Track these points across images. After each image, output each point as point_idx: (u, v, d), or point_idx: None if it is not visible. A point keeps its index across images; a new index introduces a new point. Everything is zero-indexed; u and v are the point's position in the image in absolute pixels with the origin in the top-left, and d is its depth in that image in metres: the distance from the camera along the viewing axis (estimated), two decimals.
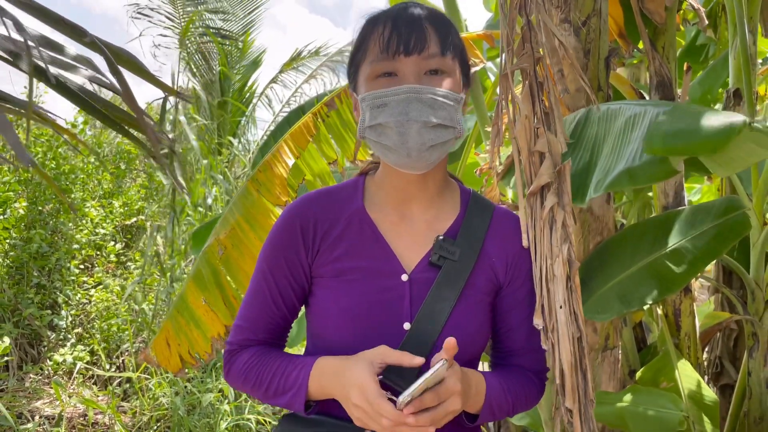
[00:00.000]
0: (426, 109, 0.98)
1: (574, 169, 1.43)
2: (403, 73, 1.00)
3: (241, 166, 6.64)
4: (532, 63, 1.32)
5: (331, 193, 1.13)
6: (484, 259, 1.09)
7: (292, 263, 1.08)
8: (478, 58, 2.14)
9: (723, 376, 2.81)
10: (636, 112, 1.35)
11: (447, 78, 1.01)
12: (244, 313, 1.12)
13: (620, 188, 1.30)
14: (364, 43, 1.03)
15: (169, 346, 2.18)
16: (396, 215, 1.10)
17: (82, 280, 4.94)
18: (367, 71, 1.02)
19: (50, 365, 4.24)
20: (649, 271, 1.78)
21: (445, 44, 1.01)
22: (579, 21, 1.71)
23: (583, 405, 1.19)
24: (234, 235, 2.08)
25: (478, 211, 1.12)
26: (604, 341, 2.10)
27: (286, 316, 1.12)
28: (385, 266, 1.06)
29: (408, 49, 0.98)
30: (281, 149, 2.10)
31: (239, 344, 1.12)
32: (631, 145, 1.30)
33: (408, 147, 0.99)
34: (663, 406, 1.68)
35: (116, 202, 5.64)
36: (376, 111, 1.00)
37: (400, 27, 0.99)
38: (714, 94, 2.85)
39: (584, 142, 1.45)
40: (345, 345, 1.04)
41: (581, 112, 1.52)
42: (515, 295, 1.12)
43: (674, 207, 2.23)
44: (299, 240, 1.08)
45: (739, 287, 2.67)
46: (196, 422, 3.64)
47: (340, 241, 1.08)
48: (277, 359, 1.07)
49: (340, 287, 1.06)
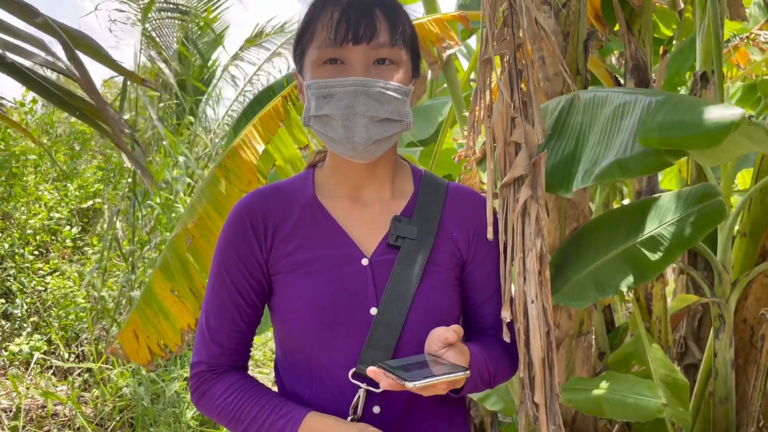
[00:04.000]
0: (373, 103, 0.96)
1: (558, 158, 1.40)
2: (350, 62, 0.97)
3: (202, 147, 6.46)
4: (512, 49, 1.28)
5: (281, 187, 1.10)
6: (444, 235, 1.08)
7: (247, 261, 1.05)
8: (453, 39, 2.09)
9: (687, 356, 2.88)
10: (625, 101, 1.33)
11: (396, 69, 0.99)
12: (206, 321, 1.08)
13: (610, 179, 1.29)
14: (312, 25, 1.00)
15: (138, 338, 2.11)
16: (349, 201, 1.08)
17: (37, 267, 4.75)
18: (313, 56, 0.99)
19: (5, 356, 4.08)
20: (625, 258, 1.79)
21: (395, 33, 0.98)
22: (559, 3, 1.68)
23: (549, 399, 1.19)
24: (202, 224, 2.01)
25: (432, 188, 1.11)
26: (579, 327, 2.11)
27: (250, 318, 1.08)
28: (344, 253, 1.04)
29: (357, 37, 0.96)
30: (250, 134, 2.02)
31: (209, 367, 1.07)
32: (620, 135, 1.28)
33: (354, 141, 0.98)
34: (640, 393, 1.69)
35: (71, 185, 5.42)
36: (321, 101, 0.98)
37: (349, 12, 0.96)
38: (682, 77, 2.86)
39: (569, 130, 1.42)
40: (313, 339, 1.02)
41: (564, 99, 1.49)
42: (481, 269, 1.11)
43: (648, 192, 2.24)
44: (251, 236, 1.05)
45: (704, 269, 2.72)
46: (160, 412, 3.56)
47: (294, 234, 1.05)
48: (258, 401, 1.03)
49: (299, 281, 1.03)
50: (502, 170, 1.25)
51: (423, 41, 2.08)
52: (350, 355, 1.00)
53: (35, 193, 4.99)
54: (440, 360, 0.93)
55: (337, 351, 1.02)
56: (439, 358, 0.94)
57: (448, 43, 2.08)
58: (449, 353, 0.94)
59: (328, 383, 1.03)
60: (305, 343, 1.03)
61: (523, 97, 1.25)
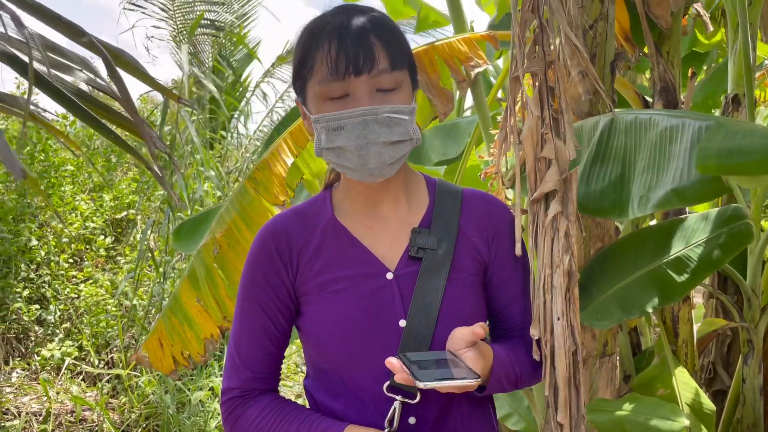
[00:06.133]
0: (383, 129, 0.98)
1: (605, 182, 1.40)
2: (354, 94, 0.98)
3: (233, 162, 6.58)
4: (543, 66, 1.29)
5: (300, 211, 1.13)
6: (464, 241, 1.09)
7: (275, 285, 1.07)
8: (482, 58, 2.11)
9: (716, 381, 2.82)
10: (672, 124, 1.33)
11: (398, 92, 1.01)
12: (237, 347, 1.10)
13: (669, 207, 1.29)
14: (310, 59, 1.00)
15: (162, 346, 2.15)
16: (367, 218, 1.10)
17: (71, 275, 4.87)
18: (316, 90, 1.00)
19: (38, 361, 4.18)
20: (651, 279, 1.77)
21: (394, 59, 0.99)
22: (586, 24, 1.69)
23: (574, 420, 1.17)
24: (230, 235, 2.05)
25: (448, 196, 1.13)
26: (603, 348, 2.09)
27: (279, 342, 1.10)
28: (368, 270, 1.06)
29: (358, 69, 0.96)
30: (280, 148, 2.07)
31: (241, 392, 1.09)
32: (673, 162, 1.28)
33: (369, 168, 1.00)
34: (663, 416, 1.67)
35: (107, 196, 5.56)
36: (332, 134, 0.99)
37: (346, 44, 0.96)
38: (716, 100, 2.84)
39: (612, 153, 1.42)
40: (345, 354, 1.04)
41: (603, 120, 1.49)
42: (503, 270, 1.13)
43: (675, 214, 2.22)
44: (277, 260, 1.07)
45: (733, 293, 2.67)
46: (185, 420, 3.60)
47: (317, 256, 1.07)
48: (294, 419, 1.04)
49: (327, 299, 1.05)
50: (532, 186, 1.25)
51: (452, 60, 2.11)
52: (382, 368, 0.99)
53: (72, 202, 5.13)
54: (458, 361, 0.94)
55: (369, 365, 1.03)
56: (459, 358, 0.95)
57: (477, 62, 2.11)
58: (469, 354, 0.95)
59: (361, 397, 1.04)
60: (337, 359, 1.05)
61: (554, 114, 1.27)
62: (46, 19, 1.14)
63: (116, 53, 1.17)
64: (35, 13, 1.14)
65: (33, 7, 1.13)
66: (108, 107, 1.30)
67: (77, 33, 1.13)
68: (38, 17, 1.14)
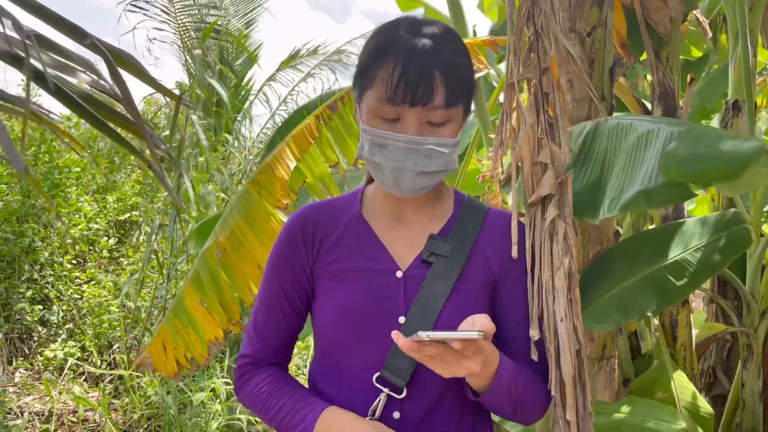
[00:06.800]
0: (422, 159, 1.02)
1: (583, 183, 1.43)
2: (405, 120, 1.01)
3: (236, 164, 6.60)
4: (538, 73, 1.31)
5: (331, 203, 1.20)
6: (477, 254, 1.12)
7: (296, 267, 1.14)
8: (482, 63, 2.13)
9: (715, 386, 2.83)
10: (649, 129, 1.35)
11: (447, 126, 1.03)
12: (255, 319, 1.18)
13: (635, 209, 1.31)
14: (372, 73, 1.01)
15: (166, 349, 2.16)
16: (392, 220, 1.15)
17: (75, 276, 4.90)
18: (371, 104, 1.02)
19: (41, 361, 4.20)
20: (649, 283, 1.78)
21: (451, 96, 1.00)
22: (584, 31, 1.71)
23: (581, 418, 1.19)
24: (234, 238, 2.06)
25: (472, 211, 1.16)
26: (601, 351, 2.10)
27: (293, 320, 1.17)
28: (381, 265, 1.10)
29: (414, 101, 0.98)
30: (283, 151, 2.08)
31: (252, 359, 1.18)
32: (645, 165, 1.30)
33: (401, 189, 1.05)
34: (661, 418, 1.68)
35: (110, 197, 5.59)
36: (375, 148, 1.03)
37: (409, 73, 0.97)
38: (713, 105, 2.85)
39: (594, 156, 1.45)
40: (344, 342, 1.09)
41: (589, 125, 1.51)
42: (513, 291, 1.14)
43: (674, 218, 2.23)
44: (301, 245, 1.14)
45: (733, 298, 2.67)
46: (186, 421, 3.62)
47: (337, 245, 1.13)
48: (288, 392, 1.12)
49: (338, 287, 1.10)
50: (528, 190, 1.27)
51: None
52: (377, 360, 1.06)
53: (76, 204, 5.16)
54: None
55: (364, 355, 1.08)
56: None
57: (477, 67, 2.12)
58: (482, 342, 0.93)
59: (353, 385, 1.08)
60: (336, 346, 1.10)
61: (550, 120, 1.28)
62: (48, 20, 1.15)
63: (118, 54, 1.18)
64: (37, 14, 1.15)
65: (35, 8, 1.15)
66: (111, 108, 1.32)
67: (80, 35, 1.15)
68: (41, 18, 1.15)
